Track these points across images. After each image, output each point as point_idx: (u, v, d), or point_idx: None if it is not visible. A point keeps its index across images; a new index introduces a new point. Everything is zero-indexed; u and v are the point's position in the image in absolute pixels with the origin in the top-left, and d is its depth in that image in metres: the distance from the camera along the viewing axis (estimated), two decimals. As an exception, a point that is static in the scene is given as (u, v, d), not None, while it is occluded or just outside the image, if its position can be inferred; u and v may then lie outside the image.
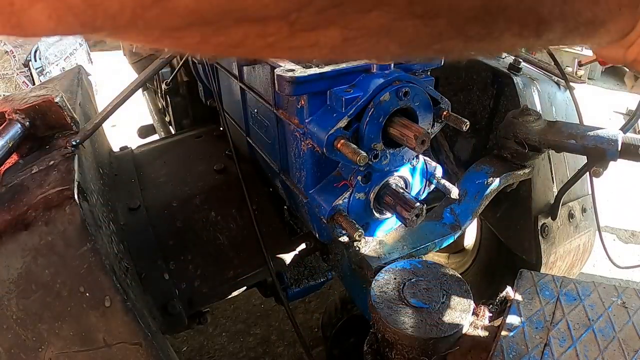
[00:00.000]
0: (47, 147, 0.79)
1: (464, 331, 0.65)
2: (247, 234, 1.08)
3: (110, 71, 4.60)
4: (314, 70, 0.70)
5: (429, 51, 0.27)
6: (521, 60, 1.12)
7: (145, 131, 2.12)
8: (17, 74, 3.73)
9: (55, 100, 0.78)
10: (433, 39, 0.26)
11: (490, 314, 0.71)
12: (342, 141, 0.69)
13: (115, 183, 1.15)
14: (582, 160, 0.97)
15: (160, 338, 0.71)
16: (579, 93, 1.13)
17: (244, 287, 1.10)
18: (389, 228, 0.89)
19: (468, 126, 0.76)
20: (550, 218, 1.12)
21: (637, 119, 0.96)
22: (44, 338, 0.58)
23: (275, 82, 0.72)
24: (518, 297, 0.73)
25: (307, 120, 0.74)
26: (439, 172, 0.89)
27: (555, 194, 1.12)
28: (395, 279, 0.71)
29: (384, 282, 0.71)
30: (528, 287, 0.75)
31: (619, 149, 0.85)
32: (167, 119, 1.96)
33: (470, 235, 1.73)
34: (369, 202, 0.81)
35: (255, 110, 0.97)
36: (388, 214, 0.85)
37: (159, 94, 2.01)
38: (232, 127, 1.17)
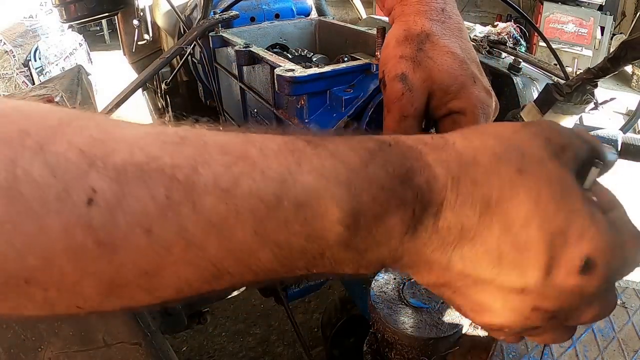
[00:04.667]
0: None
1: (463, 331, 0.65)
2: (247, 234, 1.08)
3: (110, 71, 4.60)
4: (314, 70, 0.70)
5: None
6: (521, 61, 1.12)
7: (145, 131, 2.12)
8: (17, 74, 3.73)
9: (55, 100, 0.78)
10: None
11: (490, 314, 0.70)
12: (342, 141, 0.69)
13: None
14: (582, 160, 0.97)
15: (160, 338, 0.71)
16: (578, 93, 1.13)
17: (244, 287, 1.09)
18: (389, 228, 0.89)
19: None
20: (550, 218, 1.12)
21: (637, 119, 0.96)
22: (43, 338, 0.58)
23: (275, 82, 0.72)
24: (518, 297, 0.73)
25: (306, 120, 0.74)
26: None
27: (555, 194, 1.11)
28: (395, 279, 0.71)
29: (383, 282, 0.71)
30: (528, 287, 0.75)
31: (619, 149, 0.85)
32: (166, 118, 1.96)
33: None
34: (369, 202, 0.81)
35: (255, 110, 0.97)
36: (388, 214, 0.85)
37: (159, 94, 2.00)
38: (232, 127, 1.17)
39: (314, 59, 1.04)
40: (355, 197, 0.26)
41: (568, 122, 0.84)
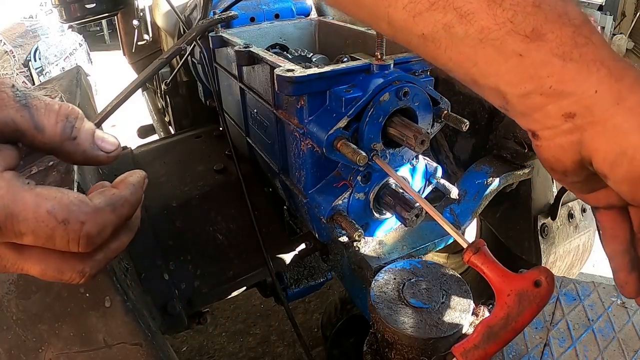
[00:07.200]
0: (47, 147, 0.79)
1: (463, 331, 0.65)
2: (247, 234, 1.08)
3: (110, 71, 4.59)
4: (314, 70, 0.70)
5: None
6: (521, 60, 1.12)
7: (144, 131, 2.12)
8: (17, 74, 3.73)
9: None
10: None
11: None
12: (342, 141, 0.69)
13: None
14: (582, 160, 0.97)
15: (160, 338, 0.71)
16: (578, 93, 1.13)
17: (244, 287, 1.10)
18: (389, 228, 0.89)
19: (468, 126, 0.76)
20: (550, 218, 1.12)
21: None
22: (44, 339, 0.58)
23: (275, 82, 0.72)
24: (518, 297, 0.73)
25: (306, 120, 0.74)
26: (438, 172, 0.89)
27: (555, 194, 1.12)
28: (395, 279, 0.71)
29: (383, 282, 0.71)
30: (528, 287, 0.75)
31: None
32: (166, 119, 1.96)
33: (470, 235, 1.73)
34: (369, 202, 0.81)
35: (255, 111, 0.97)
36: (388, 214, 0.85)
37: (159, 94, 2.01)
38: (232, 127, 1.17)
39: (314, 59, 1.04)
40: None
41: None
